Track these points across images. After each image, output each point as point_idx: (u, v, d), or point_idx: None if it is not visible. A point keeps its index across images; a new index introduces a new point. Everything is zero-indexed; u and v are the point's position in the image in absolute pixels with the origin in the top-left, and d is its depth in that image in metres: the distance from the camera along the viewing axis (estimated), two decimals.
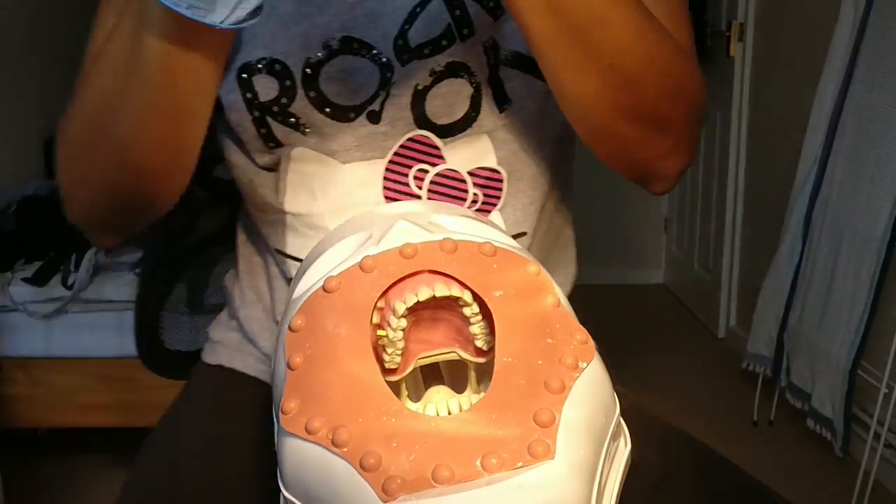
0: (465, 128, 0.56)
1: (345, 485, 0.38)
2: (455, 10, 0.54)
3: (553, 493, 0.37)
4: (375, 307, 0.45)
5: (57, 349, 1.56)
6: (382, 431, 0.39)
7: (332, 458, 0.39)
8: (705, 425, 1.94)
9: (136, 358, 1.62)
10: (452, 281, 0.45)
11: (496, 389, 0.41)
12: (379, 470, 0.38)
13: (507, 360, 0.42)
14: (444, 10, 0.54)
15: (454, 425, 0.39)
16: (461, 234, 0.48)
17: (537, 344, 0.43)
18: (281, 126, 0.56)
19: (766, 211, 2.21)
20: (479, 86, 0.56)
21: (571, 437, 0.39)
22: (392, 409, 0.40)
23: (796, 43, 1.95)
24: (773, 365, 1.88)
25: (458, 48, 0.54)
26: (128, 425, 1.58)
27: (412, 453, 0.38)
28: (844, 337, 1.61)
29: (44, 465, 1.69)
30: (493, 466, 0.37)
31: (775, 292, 1.87)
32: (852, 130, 1.64)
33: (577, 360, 0.43)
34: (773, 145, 2.19)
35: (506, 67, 0.55)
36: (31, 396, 1.56)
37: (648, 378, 2.15)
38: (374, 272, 0.45)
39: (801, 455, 1.77)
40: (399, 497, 0.37)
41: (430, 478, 0.37)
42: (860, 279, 1.58)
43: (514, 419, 0.39)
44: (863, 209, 1.58)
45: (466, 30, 0.54)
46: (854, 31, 1.64)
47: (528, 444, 0.38)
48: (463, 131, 0.56)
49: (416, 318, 0.46)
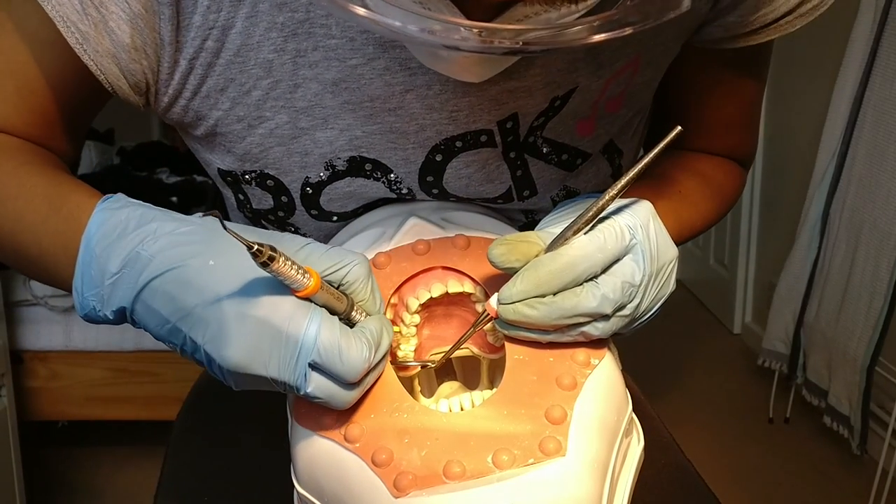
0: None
1: (357, 480, 0.38)
2: (517, 171, 0.50)
3: (565, 490, 0.37)
4: (388, 303, 0.45)
5: (76, 343, 1.58)
6: (394, 427, 0.39)
7: (344, 453, 0.39)
8: (720, 422, 1.93)
9: (153, 351, 1.64)
10: (465, 277, 0.45)
11: (508, 386, 0.41)
12: (391, 465, 0.38)
13: (519, 356, 0.42)
14: (506, 169, 0.50)
15: (466, 421, 0.39)
16: (473, 230, 0.48)
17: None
18: (279, 229, 0.53)
19: (783, 205, 2.18)
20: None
21: (583, 434, 0.39)
22: (404, 405, 0.40)
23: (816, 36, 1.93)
24: (790, 361, 1.86)
25: (516, 203, 0.52)
26: (146, 418, 1.60)
27: (424, 449, 0.38)
28: (862, 333, 1.59)
29: (63, 457, 1.72)
30: (504, 463, 0.37)
31: (792, 288, 1.85)
32: (872, 124, 1.61)
33: (589, 357, 0.42)
34: (790, 139, 2.16)
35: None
36: (51, 389, 1.58)
37: (663, 374, 2.14)
38: (387, 268, 0.46)
39: (817, 452, 1.75)
40: (410, 493, 0.37)
41: (441, 474, 0.37)
42: (879, 275, 1.56)
43: (526, 416, 0.39)
44: (882, 204, 1.56)
45: (528, 191, 0.52)
46: (874, 24, 1.61)
47: (539, 441, 0.38)
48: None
49: (429, 314, 0.46)
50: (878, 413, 1.65)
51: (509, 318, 0.41)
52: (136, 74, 0.46)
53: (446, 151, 0.49)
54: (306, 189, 0.50)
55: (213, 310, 0.36)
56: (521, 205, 0.53)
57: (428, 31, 0.32)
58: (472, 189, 0.51)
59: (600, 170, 0.54)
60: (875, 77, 1.61)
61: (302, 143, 0.48)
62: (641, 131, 0.58)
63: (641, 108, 0.55)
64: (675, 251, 0.44)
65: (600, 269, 0.41)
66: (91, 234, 0.40)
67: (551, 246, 0.42)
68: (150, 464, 1.39)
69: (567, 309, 0.40)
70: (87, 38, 0.44)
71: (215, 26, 0.44)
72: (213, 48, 0.45)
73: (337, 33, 0.45)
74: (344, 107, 0.47)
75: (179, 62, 0.45)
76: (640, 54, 0.49)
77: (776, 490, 1.65)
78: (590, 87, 0.49)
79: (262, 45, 0.45)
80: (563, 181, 0.53)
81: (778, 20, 0.49)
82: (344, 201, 0.51)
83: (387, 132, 0.48)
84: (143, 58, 0.45)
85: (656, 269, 0.42)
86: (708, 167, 0.59)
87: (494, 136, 0.49)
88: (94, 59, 0.45)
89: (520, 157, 0.50)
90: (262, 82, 0.46)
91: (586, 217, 0.41)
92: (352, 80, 0.46)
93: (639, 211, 0.43)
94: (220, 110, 0.47)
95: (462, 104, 0.47)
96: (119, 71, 0.45)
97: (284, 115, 0.47)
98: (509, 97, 0.47)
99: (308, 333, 0.36)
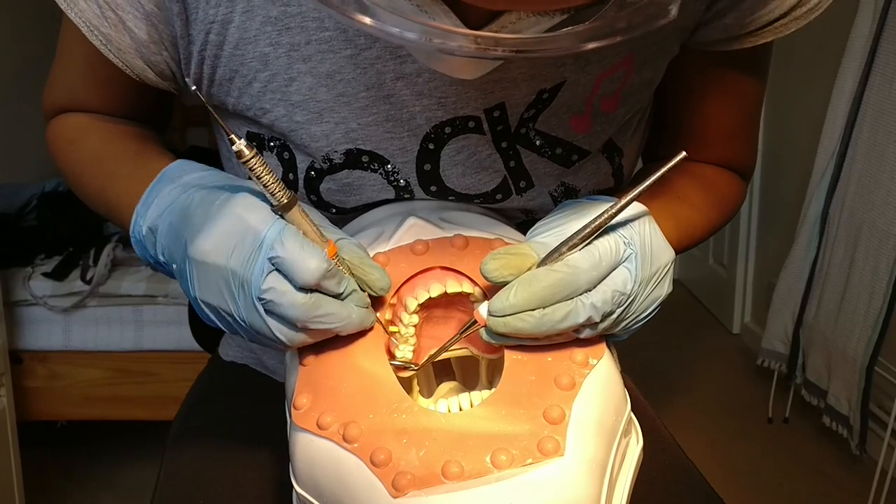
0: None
1: (355, 480, 0.38)
2: (510, 162, 0.51)
3: (563, 491, 0.37)
4: (387, 304, 0.45)
5: (75, 343, 1.58)
6: (393, 427, 0.39)
7: (342, 453, 0.39)
8: (719, 422, 1.93)
9: (153, 351, 1.64)
10: (464, 277, 0.45)
11: (506, 386, 0.41)
12: (389, 466, 0.38)
13: (517, 356, 0.42)
14: (498, 158, 0.51)
15: (464, 421, 0.39)
16: (472, 230, 0.48)
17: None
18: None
19: (783, 205, 2.18)
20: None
21: (582, 434, 0.39)
22: (403, 406, 0.40)
23: (815, 35, 1.93)
24: (789, 361, 1.86)
25: (514, 199, 0.52)
26: (145, 418, 1.60)
27: (422, 449, 0.38)
28: (861, 333, 1.59)
29: (62, 458, 1.72)
30: (502, 463, 0.37)
31: (791, 287, 1.85)
32: (871, 124, 1.61)
33: (587, 357, 0.42)
34: (790, 138, 2.16)
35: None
36: (50, 390, 1.58)
37: (662, 374, 2.14)
38: (385, 269, 0.45)
39: (816, 453, 1.75)
40: (409, 493, 0.37)
41: (440, 474, 0.37)
42: (878, 275, 1.56)
43: (525, 416, 0.39)
44: (881, 204, 1.56)
45: (524, 182, 0.52)
46: (874, 24, 1.61)
47: (538, 441, 0.38)
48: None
49: (427, 314, 0.46)
50: (877, 413, 1.65)
51: (500, 331, 0.41)
52: (160, 65, 0.51)
53: (437, 139, 0.50)
54: (311, 173, 0.51)
55: (202, 209, 0.41)
56: (521, 201, 0.52)
57: (427, 39, 0.34)
58: (468, 178, 0.51)
59: (600, 168, 0.54)
60: (874, 76, 1.61)
61: (299, 136, 0.50)
62: (643, 131, 0.58)
63: (641, 108, 0.55)
64: (671, 254, 0.44)
65: (594, 285, 0.41)
66: (170, 167, 0.46)
67: (545, 260, 0.42)
68: (149, 464, 1.39)
69: (557, 321, 0.40)
70: (110, 39, 0.49)
71: (216, 20, 0.47)
72: (216, 41, 0.48)
73: (330, 25, 0.46)
74: (338, 100, 0.48)
75: (193, 53, 0.49)
76: (633, 54, 0.50)
77: (775, 490, 1.65)
78: (579, 83, 0.49)
79: (259, 38, 0.47)
80: (561, 177, 0.53)
81: (773, 22, 0.49)
82: (343, 193, 0.52)
83: (382, 122, 0.49)
84: (163, 49, 0.50)
85: (650, 274, 0.43)
86: (708, 172, 0.59)
87: (482, 122, 0.50)
88: (119, 56, 0.50)
89: (512, 147, 0.51)
90: (261, 75, 0.48)
91: (583, 234, 0.41)
92: (346, 72, 0.47)
93: (634, 218, 0.43)
94: (232, 97, 0.50)
95: (450, 91, 0.48)
96: (144, 63, 0.51)
97: (281, 108, 0.49)
98: (495, 87, 0.48)
99: (272, 229, 0.39)
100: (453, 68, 0.42)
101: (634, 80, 0.51)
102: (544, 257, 0.42)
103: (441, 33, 0.34)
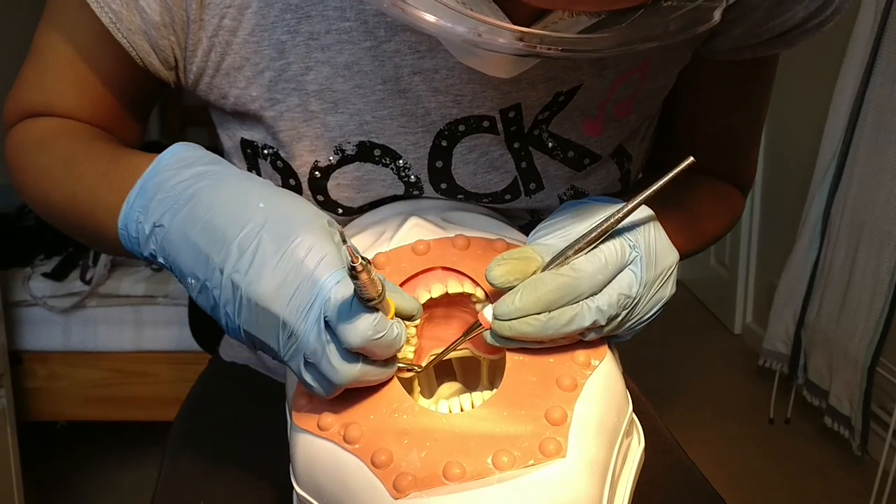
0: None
1: (356, 481, 0.38)
2: (522, 163, 0.51)
3: (565, 492, 0.37)
4: None
5: (75, 343, 1.58)
6: (394, 428, 0.39)
7: (343, 454, 0.39)
8: (721, 423, 1.93)
9: (152, 352, 1.64)
10: (465, 278, 0.45)
11: (508, 387, 0.41)
12: (390, 467, 0.38)
13: (519, 357, 0.42)
14: (509, 159, 0.50)
15: (466, 422, 0.39)
16: (474, 230, 0.48)
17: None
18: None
19: (784, 205, 2.18)
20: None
21: (583, 436, 0.39)
22: (404, 406, 0.40)
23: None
24: (790, 362, 1.86)
25: (523, 200, 0.52)
26: (145, 419, 1.60)
27: (423, 450, 0.38)
28: (863, 333, 1.59)
29: (61, 458, 1.72)
30: (504, 464, 0.37)
31: (792, 288, 1.85)
32: (872, 124, 1.61)
33: (589, 358, 0.42)
34: (791, 139, 2.16)
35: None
36: (50, 390, 1.58)
37: (663, 375, 2.13)
38: (386, 269, 0.45)
39: (818, 453, 1.75)
40: (410, 494, 0.37)
41: (441, 475, 0.37)
42: (880, 275, 1.55)
43: (526, 417, 0.39)
44: (883, 204, 1.56)
45: (534, 184, 0.52)
46: (875, 24, 1.61)
47: (539, 442, 0.38)
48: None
49: (429, 314, 0.46)
50: (878, 414, 1.65)
51: (505, 335, 0.41)
52: (165, 50, 0.49)
53: (450, 137, 0.49)
54: (314, 173, 0.51)
55: (253, 242, 0.38)
56: (529, 202, 0.52)
57: (476, 33, 0.33)
58: (478, 177, 0.51)
59: (609, 173, 0.54)
60: (876, 77, 1.60)
61: (312, 127, 0.49)
62: (650, 137, 0.58)
63: (650, 115, 0.55)
64: (676, 255, 0.44)
65: (600, 289, 0.41)
66: (163, 158, 0.42)
67: (550, 263, 0.41)
68: (149, 465, 1.39)
69: (562, 324, 0.40)
70: (120, 17, 0.47)
71: (232, 5, 0.46)
72: (230, 26, 0.47)
73: (351, 16, 0.46)
74: (355, 91, 0.48)
75: (202, 39, 0.48)
76: (648, 59, 0.50)
77: (777, 491, 1.65)
78: (595, 87, 0.49)
79: (277, 26, 0.46)
80: (571, 180, 0.52)
81: (784, 34, 0.49)
82: (351, 190, 0.51)
83: (397, 116, 0.49)
84: (171, 34, 0.48)
85: (655, 275, 0.42)
86: (710, 183, 0.60)
87: (496, 123, 0.49)
88: (127, 35, 0.48)
89: (524, 148, 0.50)
90: (275, 63, 0.48)
91: (588, 238, 0.41)
92: (364, 63, 0.47)
93: (640, 221, 0.43)
94: (237, 88, 0.49)
95: (466, 89, 0.48)
96: (150, 47, 0.49)
97: (295, 97, 0.49)
98: (512, 87, 0.48)
99: (329, 279, 0.37)
100: (490, 66, 0.41)
101: (648, 87, 0.51)
102: (549, 261, 0.41)
103: (490, 28, 0.33)
